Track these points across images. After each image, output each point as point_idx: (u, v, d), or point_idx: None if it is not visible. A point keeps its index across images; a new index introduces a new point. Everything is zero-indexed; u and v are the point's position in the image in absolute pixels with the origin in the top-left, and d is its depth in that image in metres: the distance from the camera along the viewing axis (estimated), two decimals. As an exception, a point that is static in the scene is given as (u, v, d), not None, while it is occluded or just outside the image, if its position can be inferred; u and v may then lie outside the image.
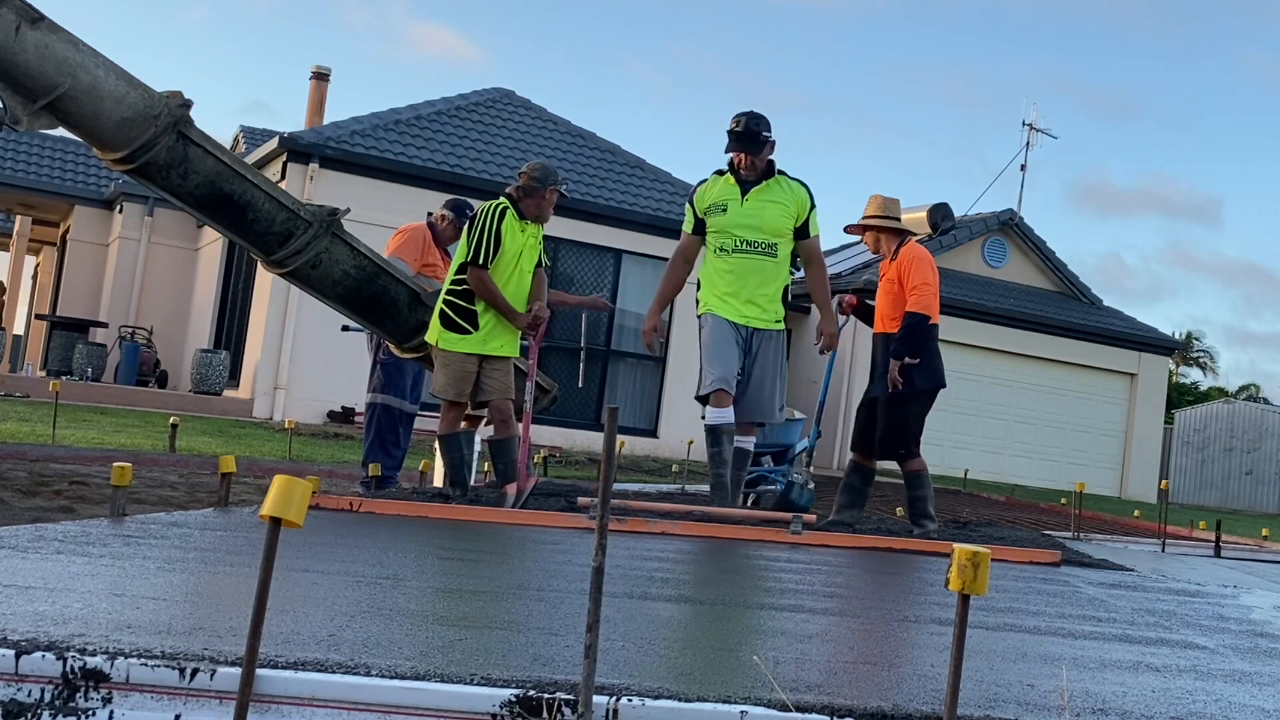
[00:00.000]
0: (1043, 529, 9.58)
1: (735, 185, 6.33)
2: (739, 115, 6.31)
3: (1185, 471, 28.87)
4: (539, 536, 5.25)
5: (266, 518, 1.97)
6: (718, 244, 6.37)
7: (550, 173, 6.51)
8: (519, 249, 6.39)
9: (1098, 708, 2.41)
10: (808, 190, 6.44)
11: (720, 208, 6.32)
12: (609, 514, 2.14)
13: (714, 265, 6.40)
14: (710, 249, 6.43)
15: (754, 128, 6.26)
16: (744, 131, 6.25)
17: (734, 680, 2.36)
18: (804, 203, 6.40)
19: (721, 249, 6.35)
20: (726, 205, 6.31)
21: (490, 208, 6.39)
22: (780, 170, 6.40)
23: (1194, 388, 42.97)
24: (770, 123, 6.34)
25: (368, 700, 2.12)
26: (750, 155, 6.26)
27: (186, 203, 5.73)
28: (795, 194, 6.38)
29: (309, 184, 15.96)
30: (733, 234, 6.31)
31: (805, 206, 6.40)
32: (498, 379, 6.36)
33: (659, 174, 19.39)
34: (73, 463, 8.36)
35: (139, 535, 4.13)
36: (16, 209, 24.50)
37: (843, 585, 4.25)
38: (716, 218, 6.34)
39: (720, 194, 6.35)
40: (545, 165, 6.56)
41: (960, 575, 1.96)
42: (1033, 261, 24.14)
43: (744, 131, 6.25)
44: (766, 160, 6.35)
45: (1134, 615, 4.12)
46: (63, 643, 2.20)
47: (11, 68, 4.93)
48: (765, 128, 6.30)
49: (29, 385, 16.72)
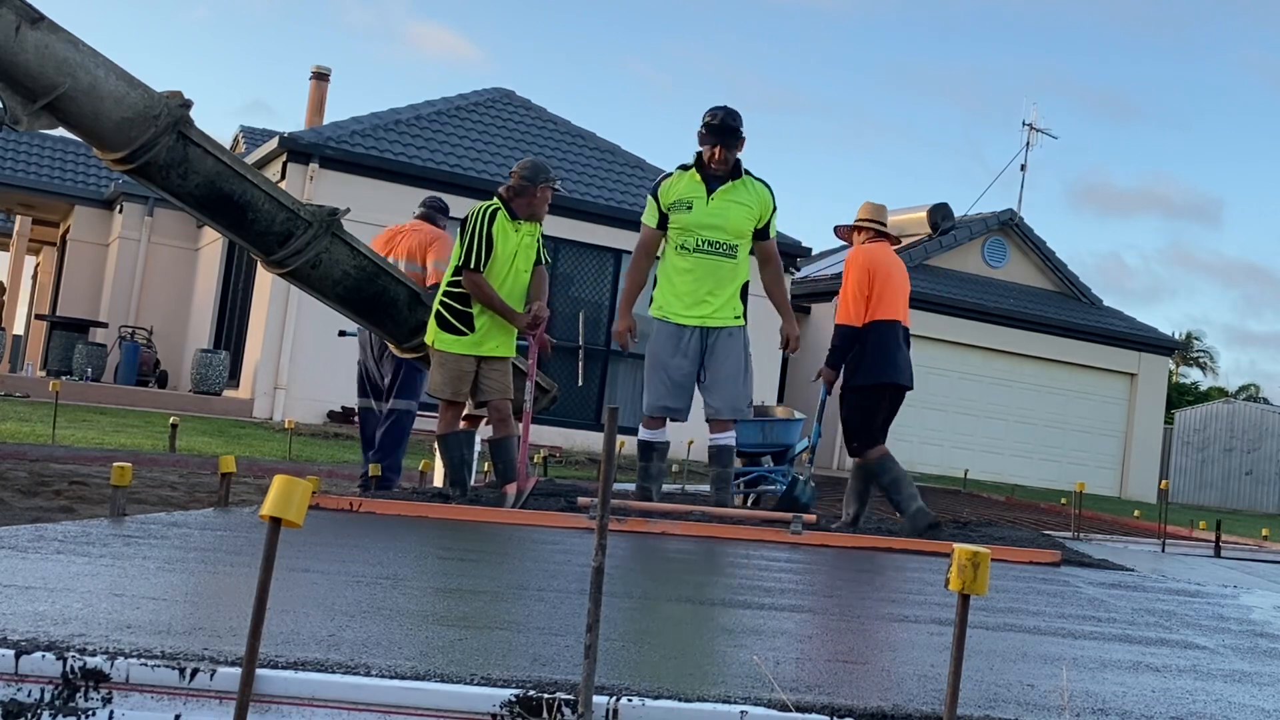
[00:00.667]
0: (1043, 529, 9.57)
1: (700, 182, 6.29)
2: (715, 109, 6.27)
3: (1185, 471, 28.87)
4: (539, 536, 5.25)
5: (266, 518, 1.97)
6: (679, 241, 6.32)
7: (540, 169, 6.48)
8: (513, 250, 6.38)
9: (1098, 708, 2.41)
10: (770, 191, 6.41)
11: (685, 205, 6.28)
12: (609, 514, 2.14)
13: (673, 263, 6.36)
14: (671, 245, 6.39)
15: (731, 122, 6.22)
16: (721, 125, 6.21)
17: (734, 680, 2.36)
18: (767, 204, 6.36)
19: (683, 247, 6.31)
20: (691, 203, 6.27)
21: (480, 210, 6.39)
22: (746, 170, 6.37)
23: (1194, 388, 42.97)
24: (743, 118, 6.31)
25: (368, 700, 2.12)
26: (725, 149, 6.22)
27: (186, 203, 5.73)
28: (759, 195, 6.35)
29: (309, 184, 15.96)
30: (695, 233, 6.27)
31: (768, 208, 6.37)
32: (496, 379, 6.36)
33: (659, 174, 19.38)
34: (73, 463, 8.35)
35: (139, 535, 4.13)
36: (16, 209, 24.49)
37: (843, 585, 4.24)
38: (680, 215, 6.30)
39: (685, 191, 6.31)
40: (536, 162, 6.53)
41: (960, 575, 1.96)
42: (1033, 261, 24.14)
43: (721, 125, 6.21)
44: (735, 157, 6.32)
45: (1134, 615, 4.12)
46: (63, 643, 2.20)
47: (11, 68, 4.93)
48: (740, 123, 6.28)
49: (29, 385, 16.72)
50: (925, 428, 21.81)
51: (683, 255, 6.32)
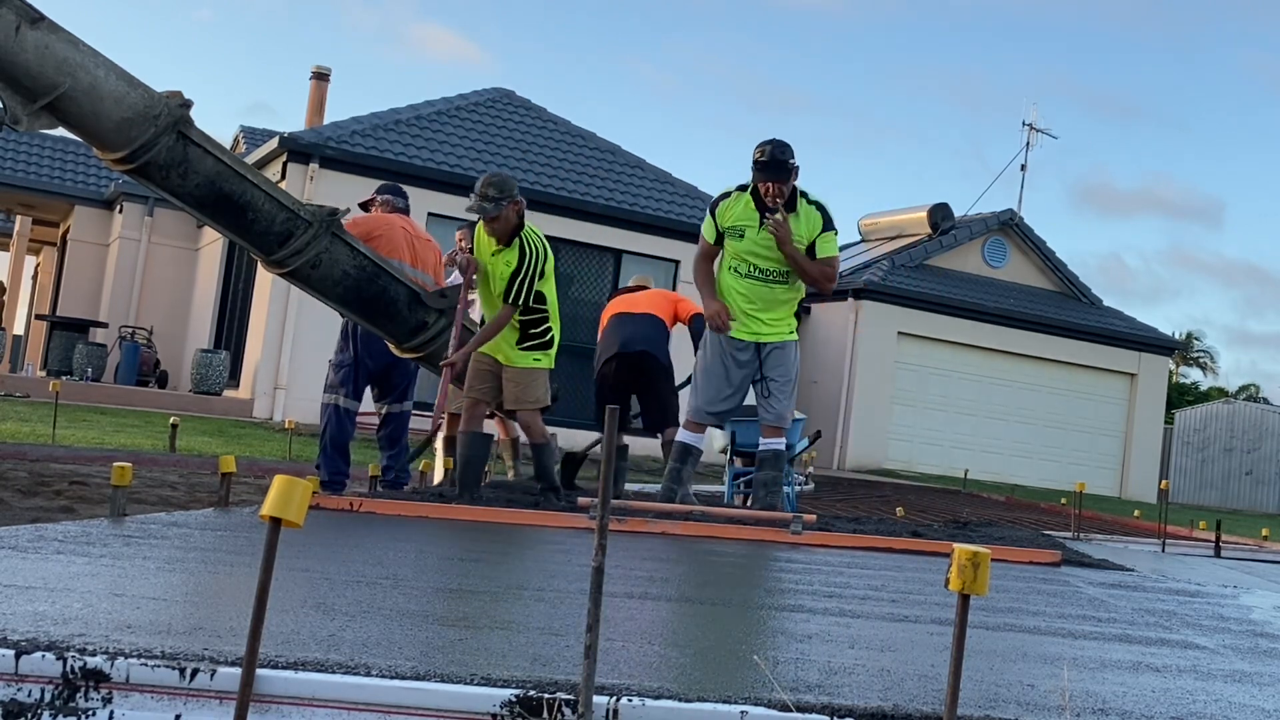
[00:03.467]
0: (1043, 529, 9.57)
1: (755, 210, 6.28)
2: (764, 144, 6.22)
3: (1185, 471, 28.87)
4: (539, 536, 5.25)
5: (266, 518, 1.97)
6: (733, 264, 6.42)
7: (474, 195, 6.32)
8: (485, 265, 6.48)
9: (1098, 708, 2.41)
10: (823, 213, 6.35)
11: (739, 232, 6.33)
12: (609, 514, 2.14)
13: (728, 281, 6.44)
14: (725, 264, 6.47)
15: (780, 156, 6.17)
16: (770, 160, 6.17)
17: (734, 680, 2.36)
18: (816, 227, 6.31)
19: (735, 270, 6.41)
20: (744, 231, 6.30)
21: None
22: (803, 193, 6.33)
23: (1194, 388, 42.97)
24: (793, 149, 6.24)
25: (368, 700, 2.12)
26: (779, 184, 6.19)
27: (186, 203, 5.73)
28: (810, 221, 6.31)
29: (309, 184, 15.96)
30: (747, 260, 6.35)
31: (817, 230, 6.31)
32: (509, 389, 6.50)
33: (659, 174, 19.39)
34: (73, 463, 8.35)
35: (139, 535, 4.13)
36: (16, 209, 24.50)
37: (843, 585, 4.24)
38: (734, 240, 6.36)
39: (740, 217, 6.32)
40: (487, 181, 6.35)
41: (960, 575, 1.96)
42: (1033, 261, 24.14)
43: (770, 160, 6.17)
44: (790, 189, 6.26)
45: (1134, 615, 4.12)
46: (63, 643, 2.20)
47: (11, 67, 4.93)
48: (790, 155, 6.21)
49: (29, 385, 16.72)
50: (925, 428, 21.82)
51: (735, 277, 6.41)
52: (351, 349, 7.06)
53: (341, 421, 7.02)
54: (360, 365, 7.07)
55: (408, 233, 7.12)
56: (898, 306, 21.37)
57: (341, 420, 7.02)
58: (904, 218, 24.24)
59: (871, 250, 24.03)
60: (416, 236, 7.18)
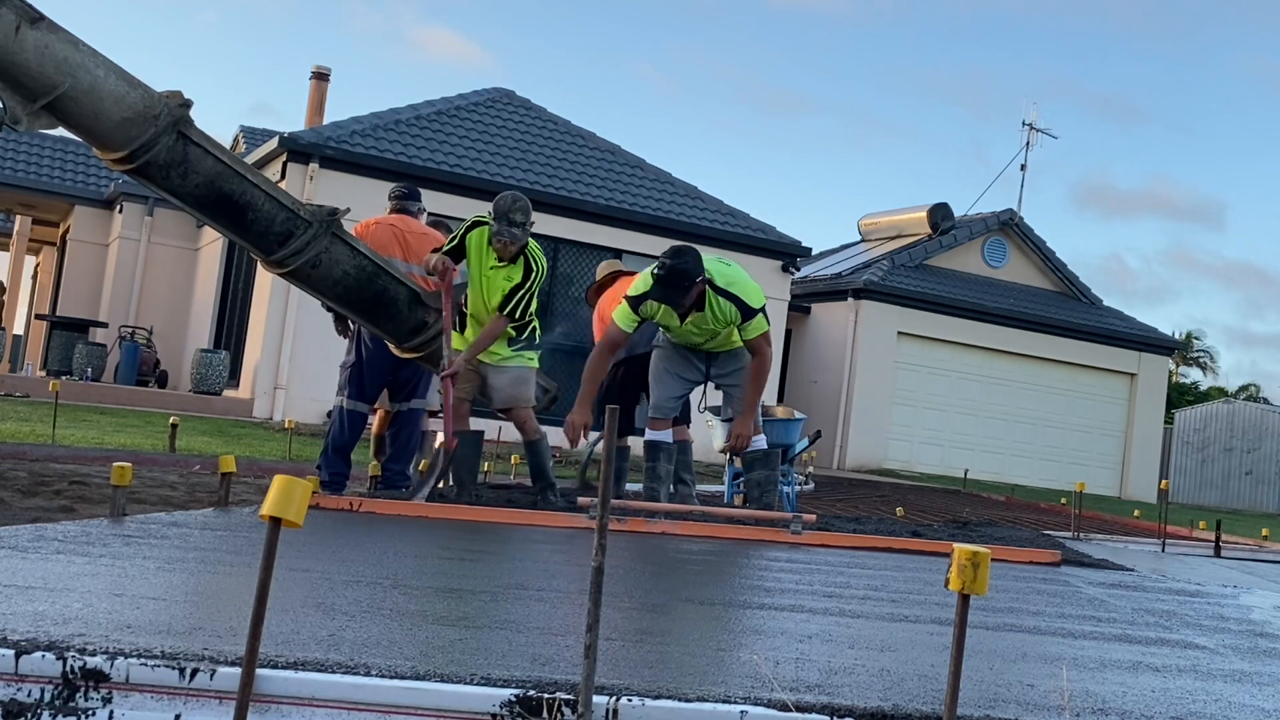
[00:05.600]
0: (1043, 529, 9.57)
1: (671, 312, 6.21)
2: (662, 259, 6.06)
3: (1185, 471, 28.86)
4: (539, 536, 5.25)
5: (266, 518, 1.97)
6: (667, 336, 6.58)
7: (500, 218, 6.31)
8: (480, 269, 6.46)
9: (1098, 708, 2.41)
10: (737, 304, 6.16)
11: (665, 325, 6.43)
12: (609, 514, 2.14)
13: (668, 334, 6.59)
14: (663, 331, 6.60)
15: (675, 278, 6.01)
16: (667, 278, 6.01)
17: (734, 680, 2.36)
18: (735, 318, 6.21)
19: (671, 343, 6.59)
20: (669, 326, 6.39)
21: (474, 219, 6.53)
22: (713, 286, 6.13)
23: (1194, 388, 42.95)
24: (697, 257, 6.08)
25: (368, 700, 2.12)
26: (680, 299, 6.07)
27: (186, 203, 5.73)
28: (726, 314, 6.20)
29: (309, 184, 15.95)
30: (682, 338, 6.49)
31: (737, 320, 6.22)
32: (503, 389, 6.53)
33: (659, 174, 19.38)
34: (73, 463, 8.35)
35: (139, 535, 4.13)
36: (16, 209, 24.49)
37: (843, 585, 4.24)
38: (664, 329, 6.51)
39: (661, 316, 6.29)
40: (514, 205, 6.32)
41: (960, 575, 1.96)
42: (1033, 261, 24.14)
43: (667, 278, 6.01)
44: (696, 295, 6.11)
45: (1134, 615, 4.12)
46: (63, 643, 2.20)
47: (11, 67, 4.93)
48: (687, 273, 6.00)
49: (29, 385, 16.72)
50: (925, 428, 21.81)
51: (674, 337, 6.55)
52: (356, 350, 7.07)
53: (344, 423, 7.00)
54: (365, 366, 7.06)
55: (396, 229, 7.06)
56: (897, 306, 21.37)
57: (344, 422, 7.00)
58: (904, 218, 24.24)
59: (871, 250, 24.03)
60: (409, 231, 7.12)
